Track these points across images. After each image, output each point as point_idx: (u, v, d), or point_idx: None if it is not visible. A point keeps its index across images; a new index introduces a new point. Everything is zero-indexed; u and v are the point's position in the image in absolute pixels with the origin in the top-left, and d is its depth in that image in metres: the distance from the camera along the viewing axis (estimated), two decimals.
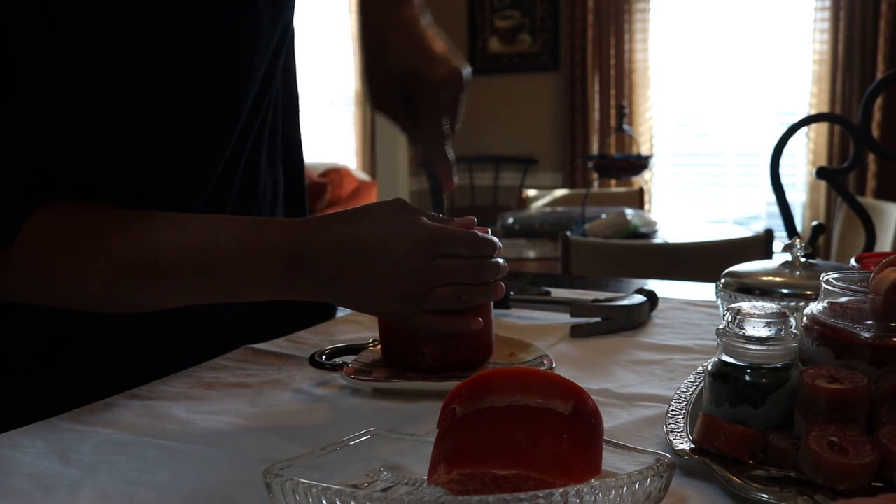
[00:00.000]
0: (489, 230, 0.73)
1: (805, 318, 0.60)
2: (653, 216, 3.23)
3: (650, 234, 2.84)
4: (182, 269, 0.69)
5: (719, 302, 0.88)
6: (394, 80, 0.84)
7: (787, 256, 0.87)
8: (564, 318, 0.95)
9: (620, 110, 3.39)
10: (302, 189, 0.99)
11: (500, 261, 0.71)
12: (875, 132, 3.97)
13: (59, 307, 0.72)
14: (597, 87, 4.85)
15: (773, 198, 1.15)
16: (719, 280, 0.88)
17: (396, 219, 0.68)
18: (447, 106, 0.83)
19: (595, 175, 3.39)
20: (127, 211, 0.71)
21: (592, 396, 0.49)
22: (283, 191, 0.94)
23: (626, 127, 3.37)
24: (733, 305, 0.58)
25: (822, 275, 0.62)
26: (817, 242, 0.89)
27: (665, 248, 2.43)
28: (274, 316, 0.92)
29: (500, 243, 0.72)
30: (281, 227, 0.70)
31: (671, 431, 0.58)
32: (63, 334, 0.78)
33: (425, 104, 0.83)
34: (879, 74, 4.11)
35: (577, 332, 0.91)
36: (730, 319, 0.57)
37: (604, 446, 0.49)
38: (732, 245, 2.27)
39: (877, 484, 0.49)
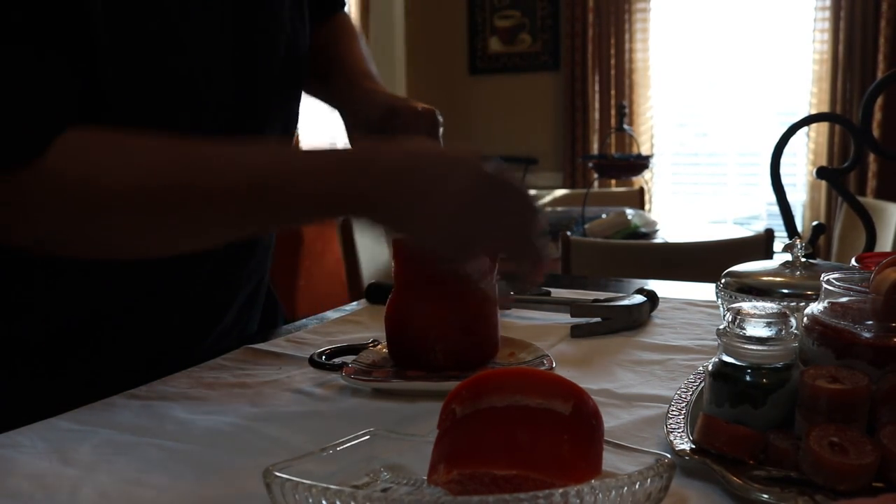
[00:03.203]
0: None
1: (805, 319, 0.60)
2: (653, 216, 3.23)
3: (650, 234, 2.84)
4: (230, 179, 0.65)
5: (719, 302, 0.88)
6: (374, 120, 0.86)
7: (788, 256, 0.86)
8: (564, 318, 0.95)
9: (620, 110, 3.39)
10: None
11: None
12: (875, 132, 3.97)
13: (97, 240, 0.67)
14: (597, 87, 4.85)
15: (773, 197, 1.15)
16: (719, 280, 0.88)
17: (469, 151, 0.66)
18: (427, 133, 0.84)
19: (595, 175, 3.39)
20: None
21: (592, 397, 0.49)
22: None
23: (626, 127, 3.37)
24: (734, 305, 0.58)
25: (823, 275, 0.62)
26: (818, 242, 0.89)
27: (665, 248, 2.43)
28: (275, 316, 0.93)
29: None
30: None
31: (671, 432, 0.58)
32: (64, 334, 0.78)
33: (405, 131, 0.84)
34: (880, 74, 4.11)
35: (577, 332, 0.91)
36: (730, 319, 0.57)
37: (604, 446, 0.49)
38: (732, 245, 2.27)
39: (877, 484, 0.49)
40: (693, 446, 0.55)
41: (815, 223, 1.02)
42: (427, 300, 0.74)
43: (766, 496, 0.49)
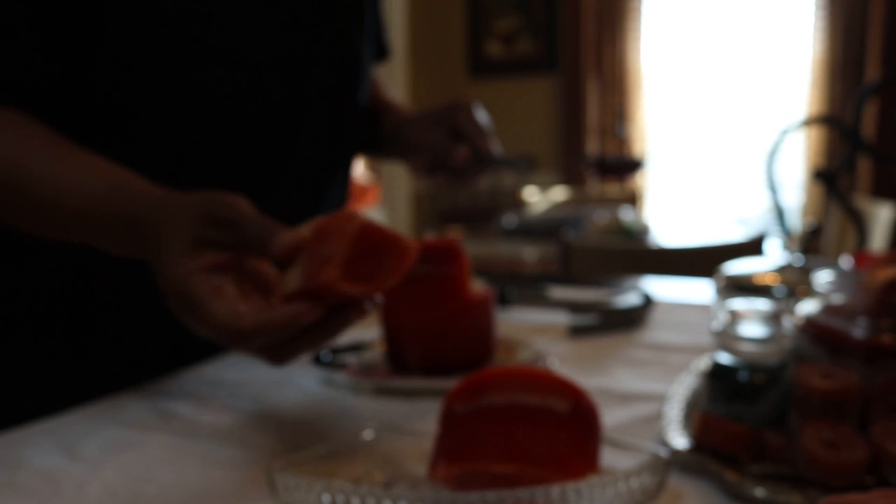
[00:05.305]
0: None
1: (799, 317, 0.61)
2: (649, 217, 3.24)
3: (647, 235, 2.85)
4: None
5: (715, 301, 0.89)
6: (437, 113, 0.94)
7: (782, 256, 0.88)
8: (563, 318, 0.96)
9: (618, 111, 3.40)
10: None
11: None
12: (871, 134, 3.98)
13: None
14: (594, 89, 4.86)
15: (768, 198, 1.16)
16: (715, 279, 0.89)
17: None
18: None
19: (593, 176, 3.40)
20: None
21: (590, 395, 0.50)
22: None
23: (623, 128, 3.38)
24: (729, 305, 0.59)
25: (816, 274, 0.63)
26: (812, 242, 0.89)
27: (661, 248, 2.44)
28: None
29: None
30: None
31: (668, 429, 0.59)
32: (68, 331, 0.79)
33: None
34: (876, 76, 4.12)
35: (575, 332, 0.91)
36: (725, 319, 0.58)
37: (601, 444, 0.50)
38: (728, 246, 2.28)
39: (869, 480, 0.49)
40: (689, 443, 0.56)
41: (809, 223, 1.03)
42: (409, 304, 0.73)
43: (760, 492, 0.50)
